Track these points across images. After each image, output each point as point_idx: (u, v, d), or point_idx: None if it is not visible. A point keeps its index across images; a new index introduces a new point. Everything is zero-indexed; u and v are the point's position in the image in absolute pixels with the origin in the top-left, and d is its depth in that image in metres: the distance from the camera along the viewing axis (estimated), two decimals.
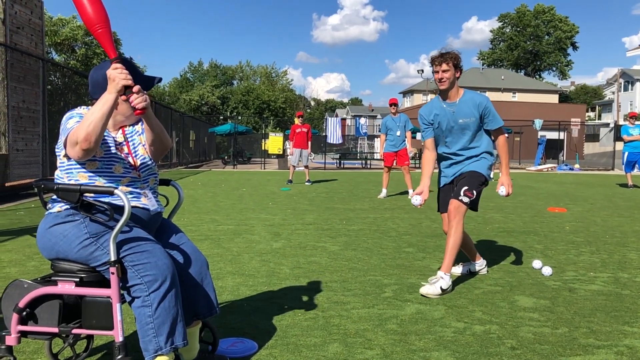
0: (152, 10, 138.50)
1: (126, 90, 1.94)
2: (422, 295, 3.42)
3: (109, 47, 1.94)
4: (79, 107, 2.16)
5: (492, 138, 3.84)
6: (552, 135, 33.64)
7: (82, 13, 1.91)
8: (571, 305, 3.26)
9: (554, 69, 70.16)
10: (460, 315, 3.06)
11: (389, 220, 6.84)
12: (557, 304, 3.29)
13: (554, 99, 56.45)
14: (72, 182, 2.06)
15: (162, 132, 2.20)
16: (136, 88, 1.95)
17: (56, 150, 2.11)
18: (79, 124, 1.96)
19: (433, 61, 3.66)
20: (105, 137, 2.12)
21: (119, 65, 1.93)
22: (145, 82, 2.12)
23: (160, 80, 2.19)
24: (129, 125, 2.24)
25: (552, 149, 34.08)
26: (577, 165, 25.65)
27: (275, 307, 3.17)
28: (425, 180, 3.74)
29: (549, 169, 23.68)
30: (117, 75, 1.91)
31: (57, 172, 2.12)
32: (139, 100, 1.95)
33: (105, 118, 1.92)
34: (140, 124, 2.27)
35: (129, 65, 2.09)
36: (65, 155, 2.06)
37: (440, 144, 3.87)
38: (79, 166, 2.06)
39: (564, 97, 65.64)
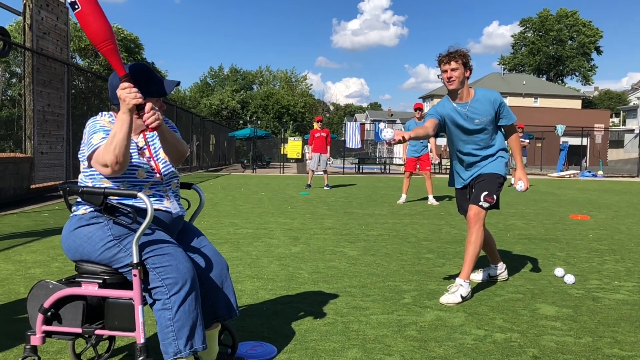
0: (174, 16, 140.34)
1: (138, 107, 1.95)
2: (441, 304, 3.38)
3: (117, 64, 1.95)
4: (100, 114, 2.17)
5: (505, 134, 3.73)
6: (575, 141, 33.14)
7: (89, 31, 1.91)
8: (595, 315, 3.20)
9: (577, 74, 69.11)
10: (481, 322, 3.03)
11: (408, 226, 6.80)
12: (580, 312, 3.23)
13: (576, 104, 55.60)
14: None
15: (177, 142, 2.21)
16: (148, 106, 1.95)
17: (79, 156, 2.13)
18: (103, 143, 1.98)
19: (441, 60, 3.51)
20: None
21: (126, 84, 1.93)
22: (163, 86, 2.14)
23: (178, 83, 2.21)
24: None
25: (575, 155, 33.58)
26: (600, 172, 25.21)
27: (294, 311, 3.17)
28: (409, 133, 3.18)
29: (571, 176, 23.32)
30: (126, 96, 1.92)
31: (80, 177, 2.15)
32: (151, 119, 1.96)
33: (127, 137, 1.95)
34: None
35: (145, 73, 2.11)
36: (90, 165, 2.09)
37: (455, 145, 3.72)
38: (92, 174, 2.10)
39: (587, 103, 64.57)
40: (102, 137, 2.03)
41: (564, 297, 3.56)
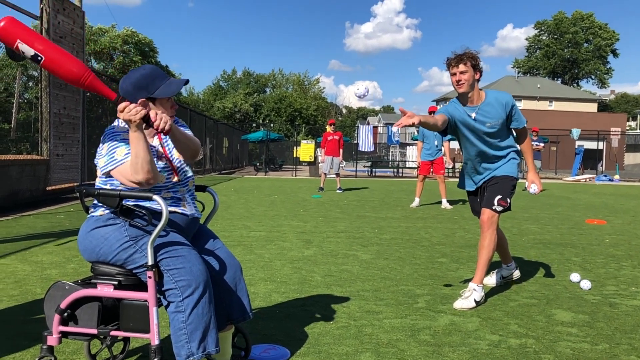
0: (187, 19, 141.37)
1: (145, 120, 1.94)
2: (455, 309, 3.36)
3: (104, 90, 1.93)
4: (117, 122, 2.16)
5: (517, 138, 3.68)
6: (591, 145, 32.77)
7: (61, 74, 1.87)
8: (612, 321, 3.15)
9: (593, 77, 68.37)
10: (495, 327, 3.00)
11: (421, 230, 6.76)
12: (596, 319, 3.19)
13: (592, 107, 54.97)
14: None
15: (189, 140, 2.22)
16: (152, 115, 1.95)
17: (96, 161, 2.13)
18: (128, 160, 2.00)
19: (449, 63, 3.43)
20: None
21: (122, 105, 1.91)
22: (172, 86, 2.14)
23: (187, 82, 2.21)
24: None
25: (591, 159, 33.21)
26: (617, 176, 24.89)
27: (307, 314, 3.17)
28: (420, 117, 3.05)
29: (587, 180, 23.06)
30: (129, 116, 1.90)
31: (98, 180, 2.16)
32: (162, 125, 1.96)
33: (149, 152, 1.97)
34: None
35: (154, 74, 2.11)
36: (108, 175, 2.09)
37: (466, 147, 3.67)
38: (112, 181, 2.10)
39: (603, 106, 63.84)
40: (126, 152, 2.03)
41: (580, 303, 3.52)
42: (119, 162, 2.03)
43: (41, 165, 9.11)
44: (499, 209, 3.49)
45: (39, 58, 1.84)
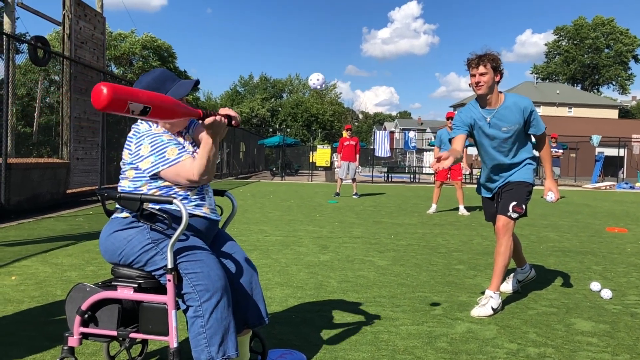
0: (205, 25, 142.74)
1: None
2: (472, 317, 3.33)
3: (191, 112, 1.96)
4: (147, 125, 2.16)
5: (536, 144, 3.63)
6: (611, 151, 32.26)
7: (170, 112, 1.87)
8: (633, 331, 3.10)
9: (614, 83, 67.36)
10: (513, 336, 2.97)
11: (438, 236, 6.72)
12: (617, 329, 3.14)
13: (613, 114, 54.14)
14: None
15: None
16: (223, 112, 2.08)
17: (130, 162, 2.13)
18: (186, 159, 2.07)
19: (469, 64, 3.39)
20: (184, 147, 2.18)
21: (210, 120, 2.00)
22: (183, 87, 2.17)
23: (197, 82, 2.22)
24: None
25: (611, 166, 32.71)
26: (638, 184, 24.47)
27: (324, 319, 3.17)
28: (449, 162, 3.03)
29: (607, 187, 22.70)
30: (221, 128, 2.04)
31: (126, 183, 2.15)
32: (237, 119, 2.12)
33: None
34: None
35: (163, 77, 2.14)
36: (154, 176, 2.11)
37: (482, 156, 3.63)
38: (153, 181, 2.12)
39: (625, 113, 62.84)
40: (178, 152, 2.09)
41: (600, 313, 3.46)
42: (173, 161, 2.07)
43: (61, 168, 9.26)
44: (514, 215, 3.45)
45: (147, 109, 1.78)
